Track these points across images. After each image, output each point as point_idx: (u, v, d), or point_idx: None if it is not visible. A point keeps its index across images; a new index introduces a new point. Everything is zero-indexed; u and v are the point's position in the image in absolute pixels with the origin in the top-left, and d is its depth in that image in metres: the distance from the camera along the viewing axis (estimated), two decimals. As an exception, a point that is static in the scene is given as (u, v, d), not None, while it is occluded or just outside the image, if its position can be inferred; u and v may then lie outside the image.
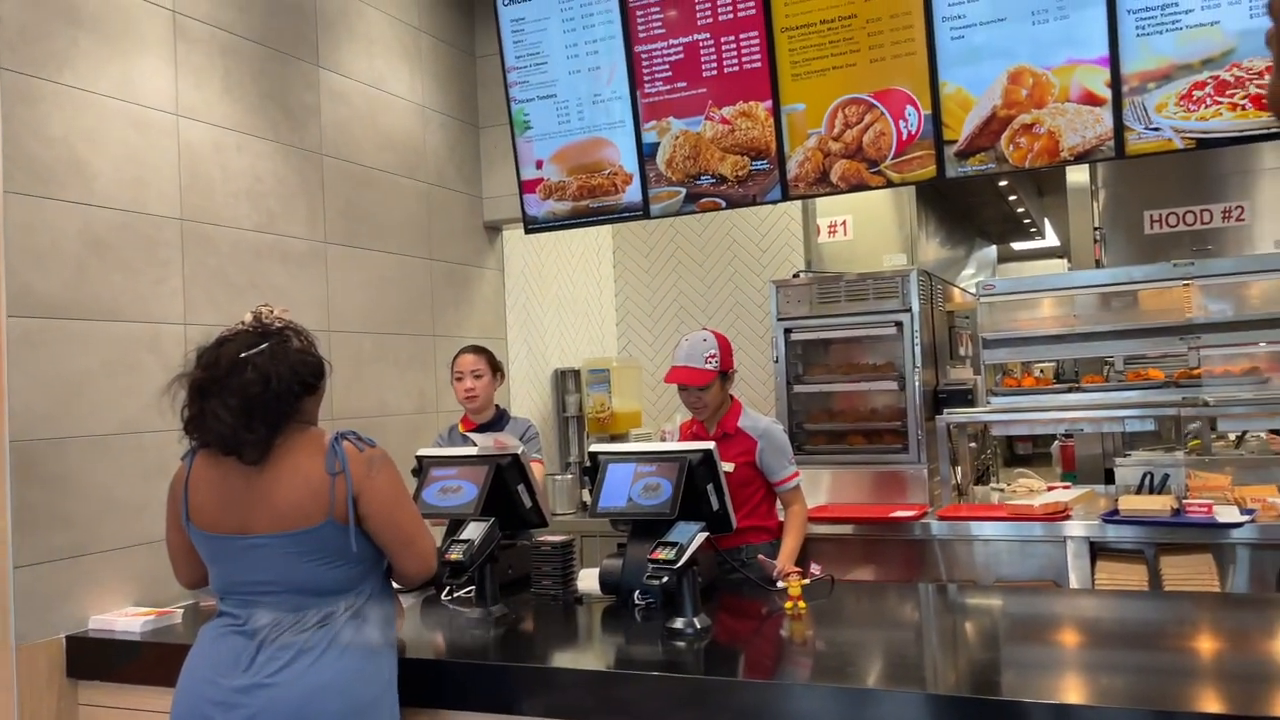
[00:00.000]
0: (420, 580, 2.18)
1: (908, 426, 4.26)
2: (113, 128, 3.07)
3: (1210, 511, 3.41)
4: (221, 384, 1.99)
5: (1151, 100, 3.33)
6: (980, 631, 2.61)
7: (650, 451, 2.84)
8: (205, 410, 2.00)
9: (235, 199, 3.50)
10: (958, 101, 3.60)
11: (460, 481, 2.89)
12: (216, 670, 2.00)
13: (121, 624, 2.79)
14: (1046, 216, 10.48)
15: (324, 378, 2.15)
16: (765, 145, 3.92)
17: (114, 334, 3.03)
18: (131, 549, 3.03)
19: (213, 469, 2.07)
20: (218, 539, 2.05)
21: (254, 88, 3.61)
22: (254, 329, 2.08)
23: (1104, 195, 5.78)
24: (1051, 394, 4.42)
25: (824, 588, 2.78)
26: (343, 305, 3.95)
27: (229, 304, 3.40)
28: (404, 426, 4.21)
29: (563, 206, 4.37)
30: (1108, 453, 5.10)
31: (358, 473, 2.03)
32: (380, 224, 4.20)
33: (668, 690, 2.09)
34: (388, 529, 2.06)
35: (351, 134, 4.07)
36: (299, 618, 2.01)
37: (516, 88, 4.37)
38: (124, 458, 3.02)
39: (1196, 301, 4.06)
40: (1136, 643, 2.37)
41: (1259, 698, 1.90)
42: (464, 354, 3.64)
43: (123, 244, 3.08)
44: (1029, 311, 4.53)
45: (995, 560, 3.82)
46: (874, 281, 4.35)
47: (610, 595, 2.77)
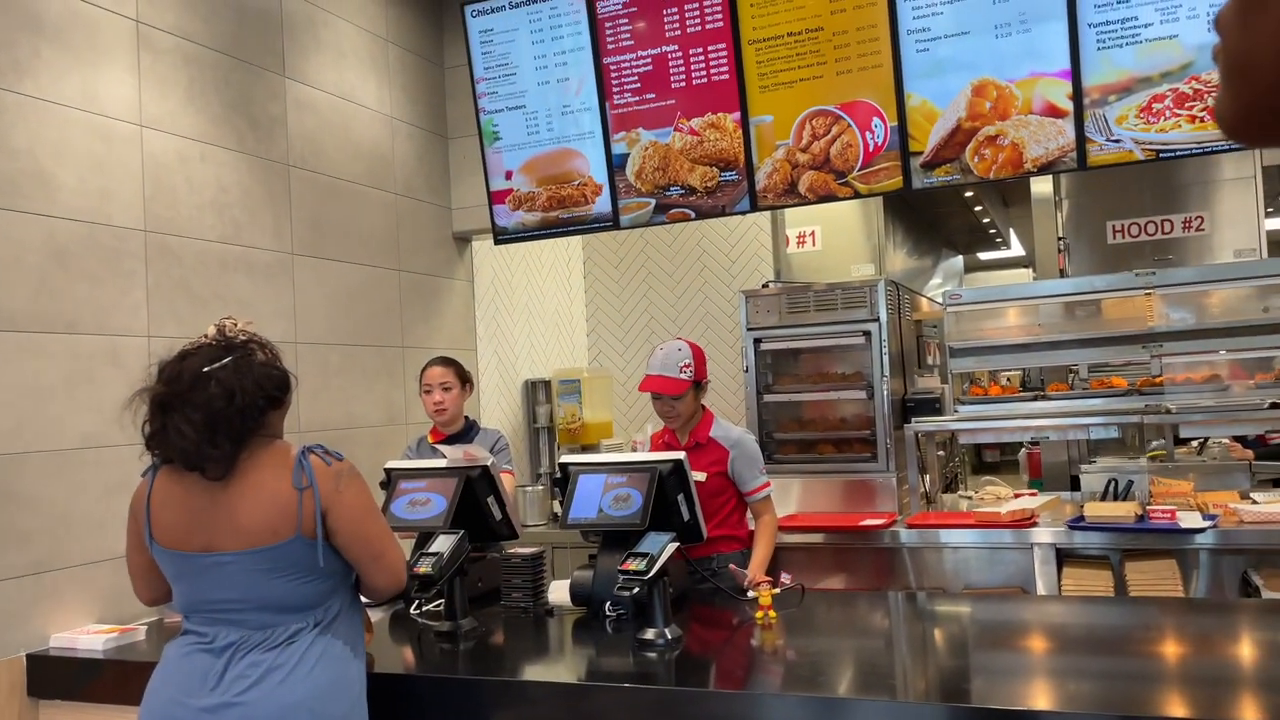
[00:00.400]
0: (390, 595, 2.16)
1: (876, 435, 4.29)
2: (76, 138, 3.03)
3: (1174, 517, 3.45)
4: (184, 399, 1.95)
5: (1112, 112, 3.39)
6: (949, 639, 2.63)
7: (621, 462, 2.83)
8: (168, 426, 1.96)
9: (200, 210, 3.46)
10: (923, 113, 3.64)
11: (429, 494, 2.87)
12: (183, 690, 1.96)
13: (83, 642, 2.74)
14: (1011, 227, 10.61)
15: (289, 391, 2.12)
16: (734, 156, 3.94)
17: (76, 347, 2.99)
18: (93, 565, 2.98)
19: (176, 485, 2.03)
20: (182, 557, 2.01)
21: (219, 98, 3.58)
22: (217, 342, 2.04)
23: (1068, 206, 5.86)
24: (1018, 402, 4.47)
25: (794, 597, 2.79)
26: (310, 317, 3.92)
27: (193, 316, 3.36)
28: (372, 438, 4.18)
29: (532, 217, 4.37)
30: (1073, 460, 5.16)
31: (326, 487, 2.00)
32: (348, 235, 4.18)
33: (639, 702, 2.09)
34: (357, 544, 2.04)
35: (319, 144, 4.05)
36: (267, 635, 1.98)
37: (485, 98, 4.37)
38: (85, 473, 2.98)
39: (1158, 310, 4.13)
40: (1103, 648, 2.40)
41: (1222, 702, 1.93)
42: (432, 366, 3.62)
43: (86, 255, 3.04)
44: (995, 321, 4.57)
45: (964, 567, 3.85)
46: (842, 291, 4.38)
47: (581, 607, 2.76)
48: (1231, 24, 0.63)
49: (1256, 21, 0.60)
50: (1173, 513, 3.48)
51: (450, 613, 2.66)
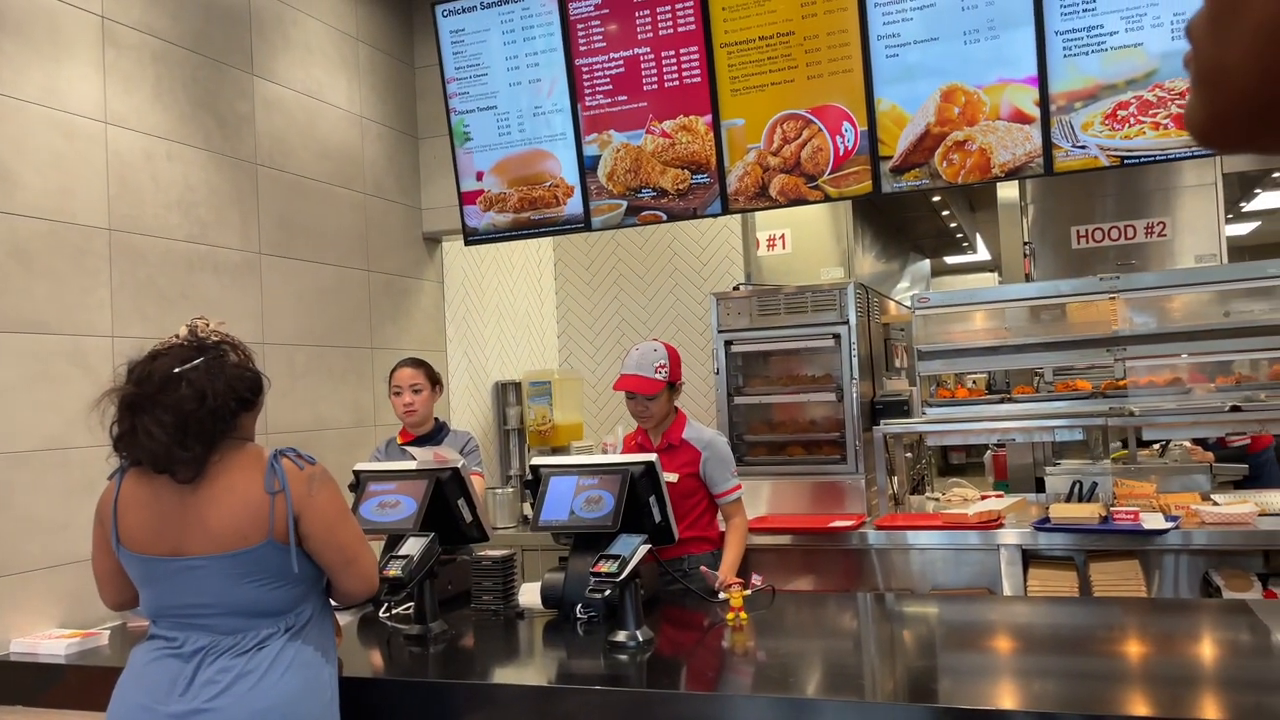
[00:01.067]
0: (362, 600, 2.15)
1: (846, 437, 4.32)
2: (38, 134, 2.98)
3: (1137, 519, 3.51)
4: (154, 400, 1.92)
5: (1078, 119, 3.43)
6: (917, 640, 2.65)
7: (592, 464, 2.83)
8: (137, 427, 1.93)
9: (166, 209, 3.42)
10: (893, 118, 3.67)
11: (399, 496, 2.85)
12: (151, 695, 1.93)
13: (45, 647, 2.70)
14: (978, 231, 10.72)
15: (262, 393, 2.09)
16: (705, 159, 3.96)
17: (37, 346, 2.94)
18: (55, 569, 2.93)
19: (144, 488, 1.99)
20: (150, 561, 1.98)
21: (186, 95, 3.53)
22: (189, 343, 2.01)
23: (1033, 211, 5.94)
24: (984, 404, 4.52)
25: (765, 599, 2.80)
26: (277, 317, 3.88)
27: (159, 316, 3.32)
28: (341, 440, 4.14)
29: (503, 218, 4.35)
30: (1038, 462, 5.23)
31: (298, 491, 1.97)
32: (316, 235, 4.14)
33: (610, 704, 2.08)
34: (329, 549, 2.01)
35: (287, 143, 4.01)
36: (237, 639, 1.95)
37: (456, 99, 4.35)
38: (47, 475, 2.93)
39: (1122, 314, 4.19)
40: (1067, 648, 2.43)
41: (1184, 700, 1.96)
42: (402, 368, 3.59)
43: (48, 253, 2.99)
44: (962, 324, 4.62)
45: (931, 568, 3.88)
46: (812, 294, 4.40)
47: (552, 609, 2.76)
48: (1203, 32, 0.63)
49: (1228, 30, 0.60)
50: (1136, 514, 3.54)
51: (420, 616, 2.64)
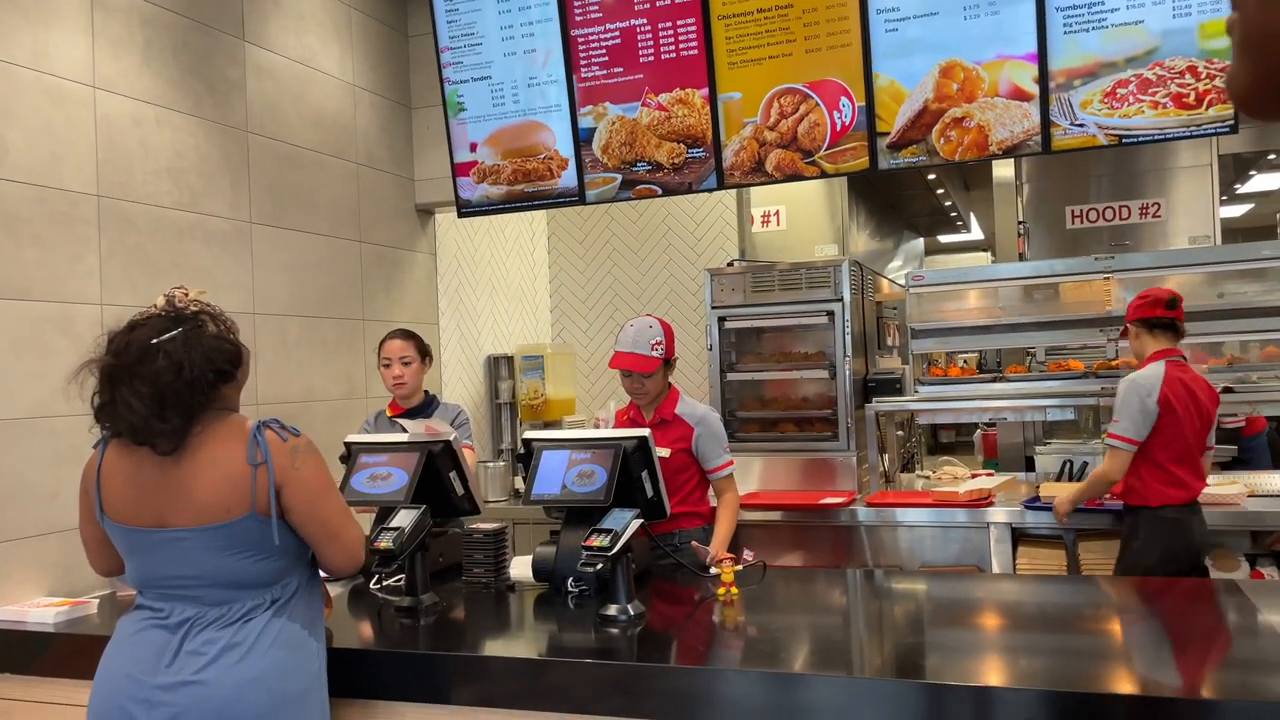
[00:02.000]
0: (347, 574, 2.11)
1: (838, 414, 4.32)
2: (26, 99, 2.94)
3: None
4: (132, 371, 1.89)
5: (1077, 97, 3.41)
6: (906, 616, 2.66)
7: (585, 438, 2.82)
8: (116, 398, 1.90)
9: (156, 176, 3.38)
10: (891, 94, 3.64)
11: (390, 469, 2.84)
12: (138, 666, 1.92)
13: (34, 615, 2.69)
14: (972, 210, 10.71)
15: (241, 365, 2.05)
16: (701, 133, 3.93)
17: (25, 313, 2.91)
18: (43, 537, 2.92)
19: (126, 459, 1.97)
20: (134, 532, 1.97)
21: (176, 61, 3.49)
22: (167, 313, 1.97)
23: (1028, 190, 5.93)
24: (977, 383, 4.53)
25: (756, 574, 2.81)
26: (268, 287, 3.85)
27: (148, 284, 3.29)
28: (331, 412, 4.13)
29: (497, 190, 4.32)
30: (1029, 441, 5.25)
31: (280, 463, 1.95)
32: (308, 204, 4.11)
33: (601, 676, 2.09)
34: (312, 523, 1.99)
35: (278, 111, 3.96)
36: (223, 611, 1.94)
37: (450, 69, 4.30)
38: (35, 443, 2.91)
39: (1115, 294, 4.19)
40: (1055, 625, 2.44)
41: (1170, 679, 1.97)
42: (391, 339, 3.57)
43: (36, 220, 2.95)
44: (956, 303, 4.62)
45: (920, 546, 3.90)
46: (807, 271, 4.39)
47: (543, 583, 2.76)
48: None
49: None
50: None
51: (411, 588, 2.64)
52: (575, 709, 2.08)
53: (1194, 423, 3.25)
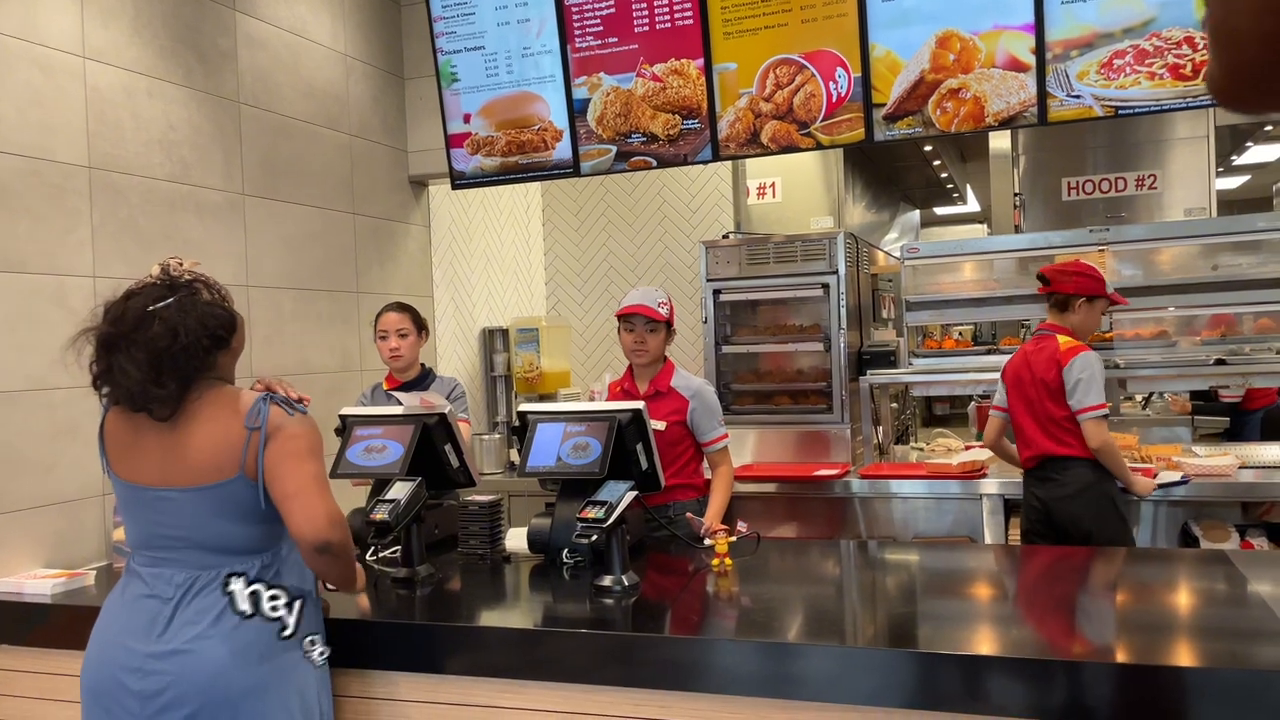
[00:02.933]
0: (308, 542, 1.96)
1: (832, 387, 4.33)
2: (15, 69, 2.91)
3: (1152, 475, 3.48)
4: (128, 338, 1.93)
5: (1074, 68, 3.40)
6: (899, 586, 2.68)
7: (579, 411, 2.83)
8: (113, 366, 1.94)
9: (147, 147, 3.35)
10: (887, 64, 3.62)
11: (385, 441, 2.84)
12: (129, 634, 1.94)
13: (31, 586, 2.70)
14: (968, 182, 10.67)
15: (235, 331, 2.07)
16: (697, 104, 3.90)
17: (18, 286, 2.90)
18: (40, 509, 2.92)
19: (126, 421, 2.02)
20: (132, 488, 2.01)
21: (166, 30, 3.45)
22: (162, 281, 2.01)
23: (1024, 162, 5.91)
24: (971, 355, 4.54)
25: (750, 545, 2.83)
26: (262, 260, 3.84)
27: (140, 256, 3.27)
28: (326, 384, 4.13)
29: (491, 162, 4.30)
30: (1022, 413, 5.26)
31: (273, 424, 1.97)
32: (301, 176, 4.08)
33: (596, 646, 2.11)
34: (278, 480, 1.95)
35: (270, 82, 3.93)
36: (213, 576, 1.96)
37: (443, 38, 4.26)
38: (31, 415, 2.91)
39: (1110, 266, 4.19)
40: (1047, 595, 2.46)
41: (1161, 648, 2.00)
42: (388, 312, 3.57)
43: (27, 191, 2.93)
44: (951, 275, 4.62)
45: (914, 517, 3.93)
46: (802, 244, 4.38)
47: (538, 554, 2.77)
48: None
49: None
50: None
51: (407, 559, 2.66)
52: (570, 679, 2.10)
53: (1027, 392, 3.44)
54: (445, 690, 2.19)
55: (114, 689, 1.93)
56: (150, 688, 1.90)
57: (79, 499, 3.04)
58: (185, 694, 1.89)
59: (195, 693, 1.89)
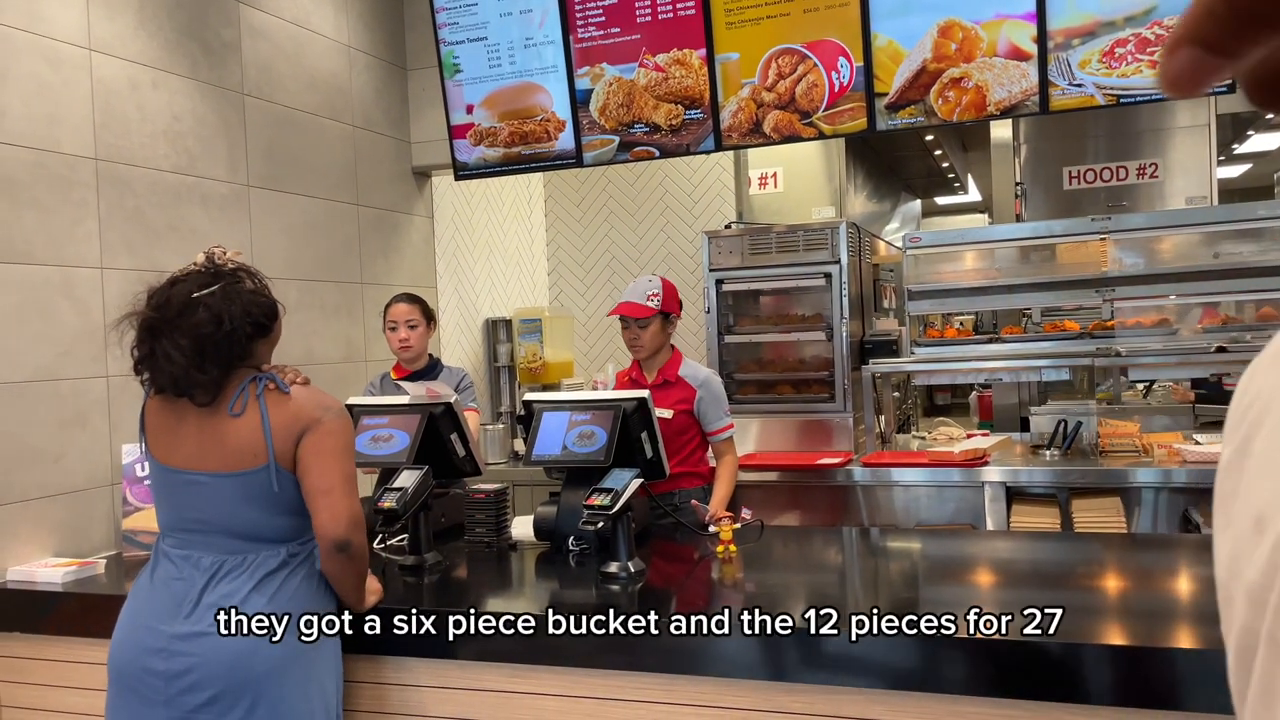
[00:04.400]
0: (329, 538, 2.01)
1: (835, 376, 4.35)
2: (21, 62, 2.93)
3: None
4: (173, 324, 1.97)
5: (1075, 56, 3.40)
6: (901, 572, 2.71)
7: (585, 400, 2.85)
8: (156, 351, 1.98)
9: (153, 139, 3.37)
10: (889, 54, 3.63)
11: (392, 430, 2.87)
12: (156, 616, 1.98)
13: (42, 575, 2.73)
14: (970, 171, 10.67)
15: (277, 319, 2.13)
16: (699, 94, 3.91)
17: (25, 277, 2.92)
18: (50, 499, 2.95)
19: (167, 406, 2.07)
20: (166, 470, 2.05)
21: (170, 22, 3.46)
22: (206, 269, 2.05)
23: (1025, 151, 5.91)
24: (973, 345, 4.55)
25: (754, 532, 2.85)
26: (266, 250, 3.86)
27: (147, 248, 3.29)
28: (332, 375, 4.15)
29: (494, 153, 4.31)
30: (1023, 402, 5.28)
31: (309, 417, 2.03)
32: (305, 167, 4.10)
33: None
34: (310, 474, 2.01)
35: (274, 73, 3.94)
36: (241, 561, 2.01)
37: (446, 29, 4.27)
38: (40, 406, 2.93)
39: (1112, 255, 4.20)
40: (1048, 581, 2.48)
41: (1160, 631, 2.02)
42: (398, 303, 3.59)
43: (35, 183, 2.95)
44: (953, 264, 4.63)
45: (916, 505, 3.95)
46: (804, 233, 4.40)
47: (544, 542, 2.80)
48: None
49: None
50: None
51: (415, 547, 2.68)
52: (576, 664, 2.13)
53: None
54: (454, 675, 2.22)
55: (140, 670, 1.96)
56: (175, 668, 1.93)
57: (88, 488, 3.06)
58: (210, 676, 1.93)
59: (219, 675, 1.93)
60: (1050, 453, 3.96)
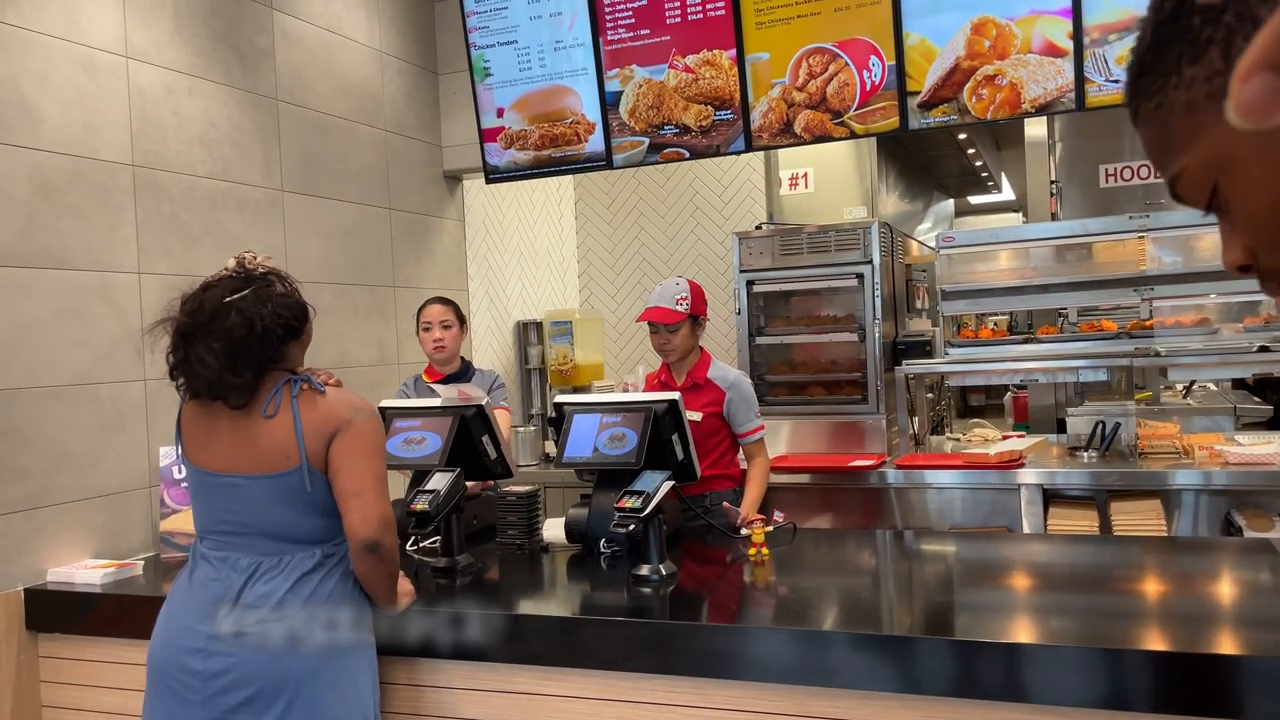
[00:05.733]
0: (359, 539, 2.01)
1: (867, 378, 4.31)
2: (60, 69, 2.97)
3: None
4: (206, 329, 2.00)
5: (1112, 52, 3.35)
6: (935, 576, 2.68)
7: (616, 402, 2.85)
8: (190, 355, 2.01)
9: (189, 145, 3.41)
10: (921, 52, 3.60)
11: (424, 433, 2.88)
12: (195, 617, 2.00)
13: (81, 576, 2.77)
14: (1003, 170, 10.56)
15: (308, 320, 2.16)
16: (729, 95, 3.90)
17: (65, 282, 2.96)
18: (88, 501, 2.99)
19: (202, 411, 2.10)
20: (203, 474, 2.08)
21: (205, 29, 3.50)
22: (237, 274, 2.08)
23: (1060, 149, 5.84)
24: (1008, 345, 4.50)
25: (786, 535, 2.83)
26: (301, 255, 3.89)
27: (183, 253, 3.33)
28: (364, 378, 4.18)
29: (524, 156, 4.32)
30: (1060, 403, 5.21)
31: (341, 418, 2.05)
32: (338, 172, 4.13)
33: (634, 635, 2.12)
34: (341, 474, 2.03)
35: (307, 79, 3.98)
36: (278, 562, 2.02)
37: (476, 33, 4.29)
38: (79, 409, 2.97)
39: (1150, 254, 4.14)
40: (1086, 585, 2.45)
41: (1201, 637, 1.98)
42: (431, 304, 3.61)
43: (73, 190, 3.00)
44: (987, 264, 4.58)
45: (950, 507, 3.91)
46: (835, 234, 4.37)
47: (576, 544, 2.80)
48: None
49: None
50: None
51: (447, 549, 2.69)
52: (609, 666, 2.12)
53: None
54: (486, 678, 2.22)
55: (177, 669, 1.99)
56: (213, 668, 1.96)
57: (126, 491, 3.10)
58: (247, 676, 1.94)
59: (256, 675, 1.95)
60: (1088, 454, 3.90)
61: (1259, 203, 0.59)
